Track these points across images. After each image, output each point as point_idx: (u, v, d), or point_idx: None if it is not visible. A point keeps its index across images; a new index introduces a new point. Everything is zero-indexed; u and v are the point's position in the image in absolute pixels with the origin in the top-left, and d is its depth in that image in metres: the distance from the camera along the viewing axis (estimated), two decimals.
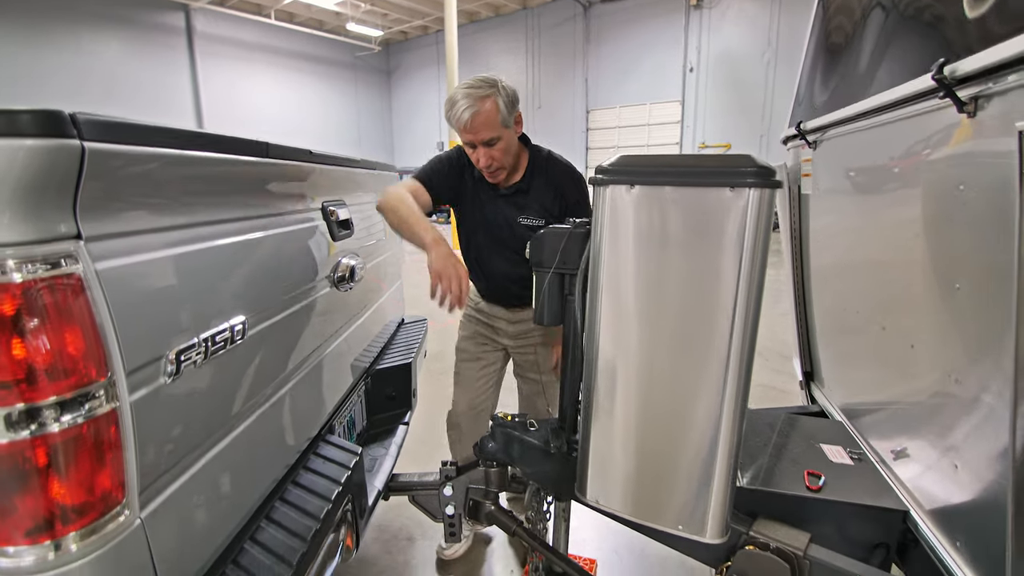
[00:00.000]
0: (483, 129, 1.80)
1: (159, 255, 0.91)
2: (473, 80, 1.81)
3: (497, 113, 1.79)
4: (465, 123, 1.78)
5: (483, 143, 1.83)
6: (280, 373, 1.32)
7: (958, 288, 1.15)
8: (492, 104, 1.78)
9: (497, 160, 1.88)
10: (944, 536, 1.30)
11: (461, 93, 1.78)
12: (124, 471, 0.81)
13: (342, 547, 1.47)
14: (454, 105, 1.78)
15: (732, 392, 1.28)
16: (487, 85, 1.79)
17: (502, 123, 1.82)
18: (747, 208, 1.16)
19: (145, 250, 0.88)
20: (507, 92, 1.82)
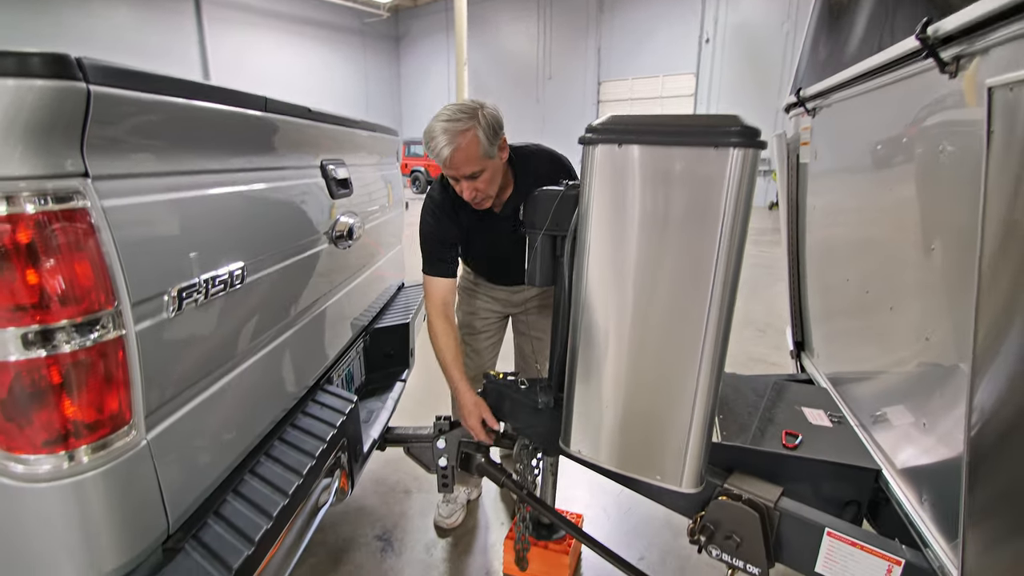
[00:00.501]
0: (464, 165, 1.71)
1: (162, 198, 0.96)
2: (452, 110, 1.68)
3: (478, 146, 1.68)
4: (445, 160, 1.69)
5: (466, 177, 1.75)
6: (279, 321, 1.39)
7: (933, 249, 1.19)
8: (472, 137, 1.67)
9: (482, 191, 1.80)
10: (911, 493, 1.36)
11: (439, 127, 1.66)
12: (130, 395, 0.88)
13: (337, 488, 1.56)
14: (432, 139, 1.67)
15: (710, 349, 1.33)
16: (466, 116, 1.66)
17: (484, 155, 1.71)
18: (730, 168, 1.19)
19: (149, 192, 0.93)
20: (488, 121, 1.69)
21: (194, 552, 1.01)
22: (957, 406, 1.14)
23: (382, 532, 2.39)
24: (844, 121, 1.86)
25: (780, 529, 1.44)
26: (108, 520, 0.87)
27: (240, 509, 1.13)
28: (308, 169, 1.57)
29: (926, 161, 1.26)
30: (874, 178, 1.60)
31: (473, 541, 2.37)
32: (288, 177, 1.44)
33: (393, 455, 2.70)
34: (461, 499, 2.52)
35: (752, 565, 1.45)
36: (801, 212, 2.29)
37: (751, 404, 1.86)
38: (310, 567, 2.18)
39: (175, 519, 1.01)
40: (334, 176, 1.69)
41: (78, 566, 0.86)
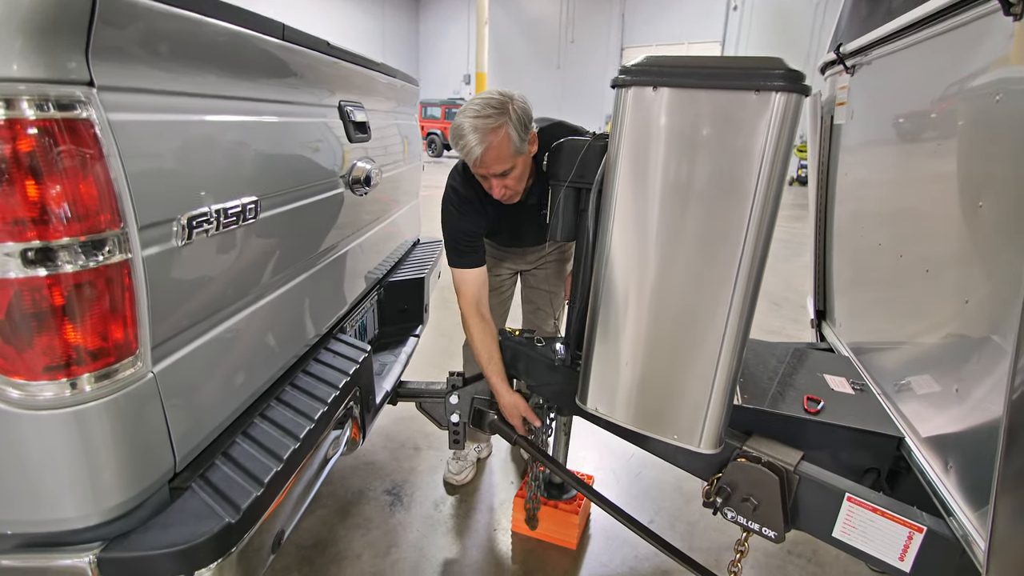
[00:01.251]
0: (495, 164, 1.62)
1: (173, 118, 0.92)
2: (480, 105, 1.58)
3: (509, 144, 1.59)
4: (476, 160, 1.60)
5: (496, 176, 1.67)
6: (292, 263, 1.35)
7: (980, 206, 1.11)
8: (504, 135, 1.57)
9: (511, 188, 1.73)
10: (936, 461, 1.31)
11: (468, 125, 1.56)
12: (137, 324, 0.84)
13: (348, 438, 1.54)
14: (461, 138, 1.57)
15: (738, 307, 1.27)
16: (496, 112, 1.56)
17: (515, 152, 1.62)
18: (771, 115, 1.12)
19: (159, 110, 0.89)
20: (519, 115, 1.60)
21: (201, 491, 0.98)
22: (995, 370, 1.09)
23: (391, 487, 2.40)
24: (886, 77, 1.76)
25: (798, 493, 1.40)
26: (111, 453, 0.84)
27: (249, 451, 1.11)
28: (325, 108, 1.51)
29: (978, 112, 1.18)
30: (916, 135, 1.51)
31: (482, 499, 2.38)
32: (304, 114, 1.38)
33: (404, 412, 2.70)
34: (471, 457, 2.52)
35: (768, 528, 1.42)
36: (832, 176, 2.20)
37: (772, 369, 1.81)
38: (319, 518, 2.19)
39: (182, 457, 0.99)
40: (352, 118, 1.63)
41: (79, 500, 0.84)
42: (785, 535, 1.41)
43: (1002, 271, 1.06)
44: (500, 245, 2.25)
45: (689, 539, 2.17)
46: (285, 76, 1.30)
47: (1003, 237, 1.05)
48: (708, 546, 2.14)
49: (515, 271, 2.38)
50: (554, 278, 2.35)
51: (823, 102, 2.27)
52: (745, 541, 1.52)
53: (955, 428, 1.25)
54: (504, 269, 2.33)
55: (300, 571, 1.95)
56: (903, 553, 1.28)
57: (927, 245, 1.41)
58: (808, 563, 2.08)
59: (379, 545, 2.08)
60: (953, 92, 1.30)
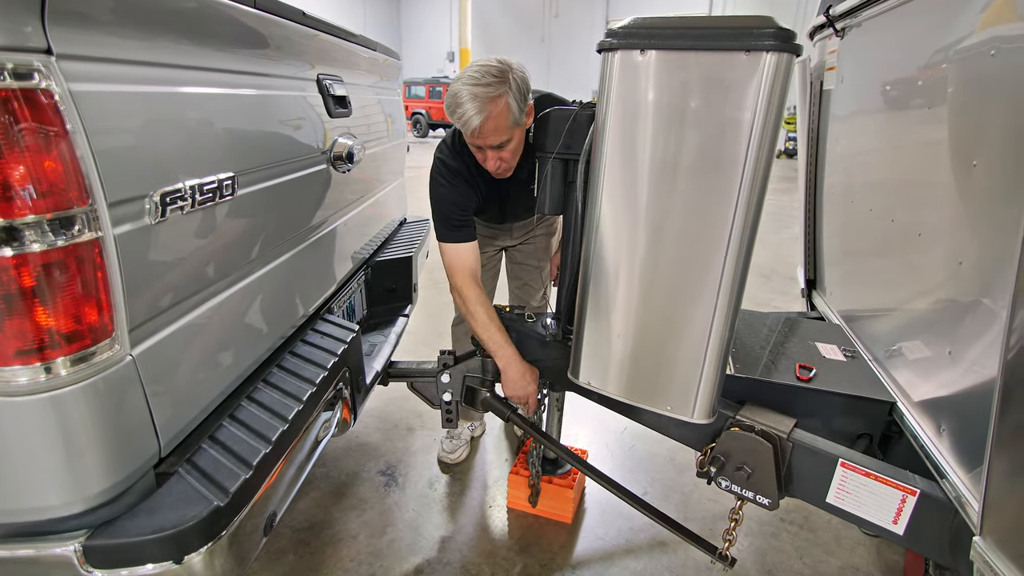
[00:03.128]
0: (493, 135, 1.56)
1: (141, 89, 0.87)
2: (479, 71, 1.50)
3: (508, 114, 1.53)
4: (474, 130, 1.53)
5: (492, 147, 1.60)
6: (275, 242, 1.31)
7: (975, 166, 1.10)
8: (503, 105, 1.51)
9: (506, 161, 1.67)
10: (928, 424, 1.32)
11: (467, 92, 1.48)
12: (112, 304, 0.81)
13: (339, 419, 1.52)
14: (459, 106, 1.50)
15: (730, 276, 1.26)
16: (497, 80, 1.49)
17: (513, 123, 1.56)
18: (762, 75, 1.09)
19: (125, 81, 0.84)
20: (519, 84, 1.54)
21: (188, 475, 0.96)
22: (989, 330, 1.08)
23: (385, 467, 2.40)
24: (876, 39, 1.73)
25: (792, 460, 1.41)
26: (92, 439, 0.82)
27: (237, 434, 1.09)
28: (303, 81, 1.46)
29: (971, 69, 1.16)
30: (908, 97, 1.49)
31: (477, 476, 2.38)
32: (281, 87, 1.33)
33: (396, 393, 2.68)
34: (465, 435, 2.51)
35: (762, 496, 1.43)
36: (822, 143, 2.18)
37: (764, 338, 1.81)
38: (313, 500, 2.18)
39: (167, 441, 0.97)
40: (331, 92, 1.58)
41: (61, 488, 0.82)
42: (779, 502, 1.42)
43: (996, 230, 1.05)
44: (488, 222, 2.21)
45: (684, 509, 2.19)
46: (259, 47, 1.25)
47: (997, 195, 1.04)
48: (703, 515, 2.16)
49: (501, 247, 2.35)
50: (542, 252, 2.33)
51: (812, 68, 2.24)
52: (739, 509, 1.53)
53: (948, 390, 1.25)
54: (491, 247, 2.30)
55: (296, 553, 1.94)
56: (896, 516, 1.29)
57: (919, 208, 1.40)
58: (801, 529, 2.10)
59: (375, 525, 2.07)
60: (945, 50, 1.28)
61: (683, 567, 1.93)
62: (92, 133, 0.76)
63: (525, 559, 1.95)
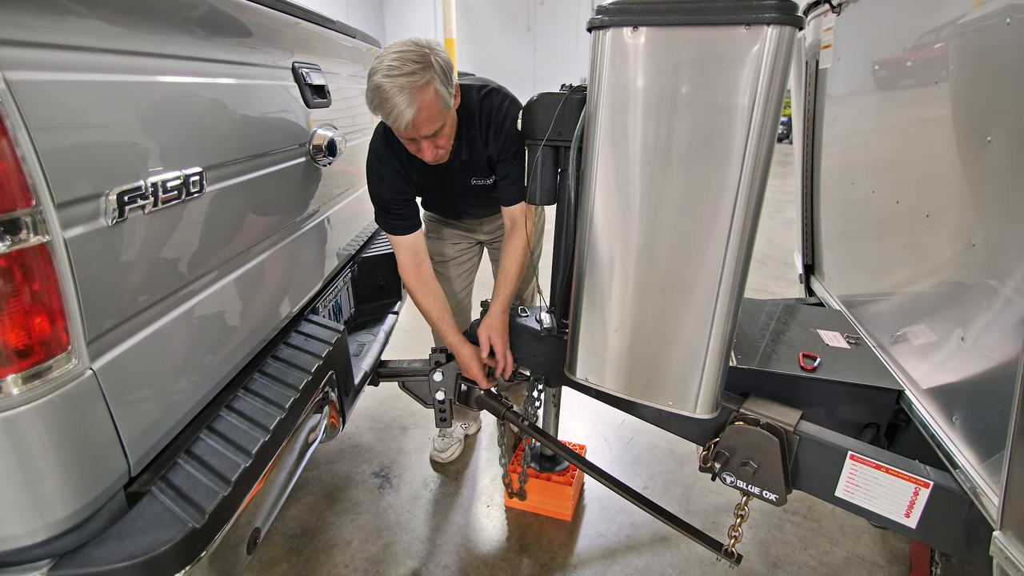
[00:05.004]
0: (426, 124, 1.43)
1: (92, 78, 0.80)
2: (399, 59, 1.35)
3: (439, 101, 1.41)
4: (407, 124, 1.40)
5: (426, 137, 1.49)
6: (251, 241, 1.24)
7: (989, 141, 1.04)
8: (432, 92, 1.38)
9: (443, 147, 1.57)
10: (940, 413, 1.27)
11: (392, 85, 1.33)
12: (66, 315, 0.74)
13: (327, 424, 1.45)
14: (386, 102, 1.36)
15: (732, 265, 1.21)
16: (421, 67, 1.36)
17: (444, 109, 1.44)
18: (764, 50, 1.03)
19: (73, 69, 0.77)
20: (442, 66, 1.41)
21: (162, 495, 0.90)
22: (1007, 313, 1.03)
23: (379, 469, 2.33)
24: (876, 14, 1.67)
25: (799, 454, 1.36)
26: (52, 461, 0.75)
27: (215, 447, 1.02)
28: (276, 69, 1.38)
29: (985, 40, 1.10)
30: (912, 73, 1.43)
31: (473, 475, 2.32)
32: (253, 75, 1.26)
33: (388, 392, 2.62)
34: (457, 434, 2.45)
35: (769, 491, 1.38)
36: (818, 124, 2.12)
37: (763, 327, 1.76)
38: (305, 505, 2.12)
39: (137, 459, 0.90)
40: (308, 81, 1.50)
41: (21, 515, 0.75)
42: (786, 497, 1.37)
43: (1014, 208, 0.99)
44: (445, 217, 2.13)
45: (685, 503, 2.15)
46: (228, 31, 1.18)
47: (1015, 170, 0.98)
48: (704, 508, 2.12)
49: (476, 242, 2.26)
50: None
51: (807, 47, 2.18)
52: (745, 505, 1.48)
53: (961, 377, 1.20)
54: (463, 239, 2.21)
55: (289, 561, 1.88)
56: (909, 509, 1.24)
57: (927, 189, 1.35)
58: (804, 519, 2.07)
59: (369, 529, 2.02)
60: (953, 22, 1.22)
61: (686, 562, 1.89)
62: (35, 127, 0.69)
63: (525, 559, 1.90)
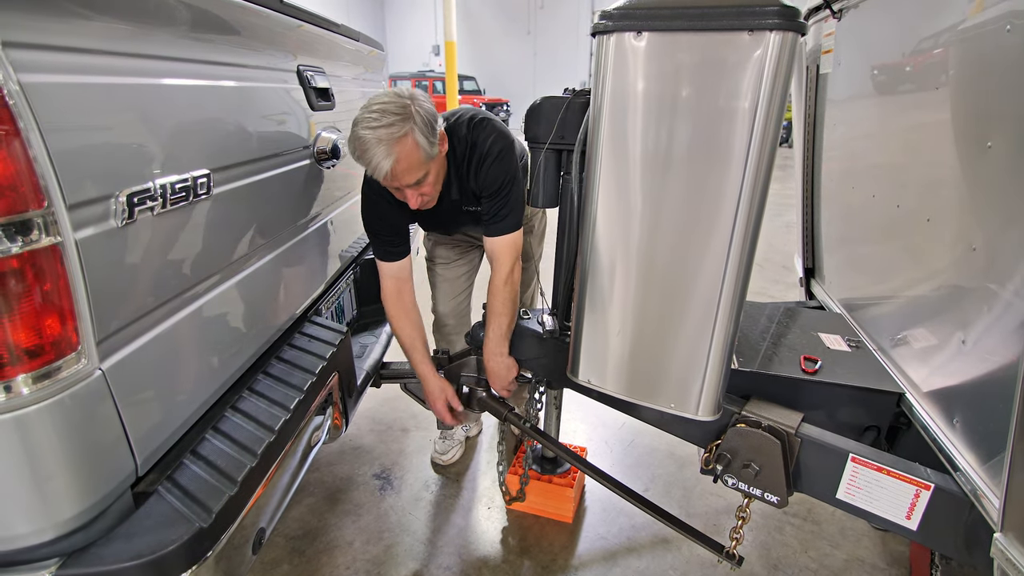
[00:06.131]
0: (406, 175, 1.44)
1: (103, 81, 0.81)
2: (378, 112, 1.37)
3: (419, 150, 1.41)
4: (386, 174, 1.41)
5: (409, 186, 1.49)
6: (256, 242, 1.25)
7: (989, 147, 1.05)
8: (411, 143, 1.39)
9: (428, 194, 1.56)
10: (940, 416, 1.28)
11: (371, 137, 1.35)
12: (76, 315, 0.75)
13: (330, 425, 1.46)
14: (365, 152, 1.37)
15: (735, 267, 1.21)
16: (399, 119, 1.37)
17: (426, 158, 1.44)
18: (767, 56, 1.04)
19: (85, 72, 0.78)
20: (423, 117, 1.41)
21: (169, 494, 0.90)
22: (1007, 317, 1.04)
23: (380, 471, 2.34)
24: (876, 19, 1.68)
25: (800, 456, 1.37)
26: (61, 461, 0.76)
27: (221, 447, 1.03)
28: (282, 72, 1.39)
29: (985, 46, 1.11)
30: (913, 78, 1.44)
31: (474, 477, 2.33)
32: (259, 78, 1.26)
33: (389, 393, 2.62)
34: (458, 436, 2.45)
35: (771, 493, 1.39)
36: (819, 129, 2.13)
37: (764, 329, 1.77)
38: (307, 507, 2.12)
39: (144, 459, 0.90)
40: (312, 84, 1.51)
41: (30, 514, 0.76)
42: (788, 499, 1.38)
43: (1015, 212, 1.00)
44: (440, 235, 2.13)
45: (686, 505, 2.15)
46: (235, 35, 1.18)
47: (1015, 175, 0.99)
48: (705, 510, 2.12)
49: (476, 244, 2.24)
50: (530, 250, 2.24)
51: (808, 52, 2.19)
52: (747, 507, 1.48)
53: (961, 380, 1.21)
54: (463, 243, 2.21)
55: (291, 563, 1.89)
56: (910, 511, 1.25)
57: (927, 193, 1.36)
58: (805, 522, 2.07)
59: (371, 531, 2.02)
60: (953, 27, 1.23)
61: (687, 564, 1.89)
62: (48, 129, 0.69)
63: (526, 561, 1.91)
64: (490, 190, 1.64)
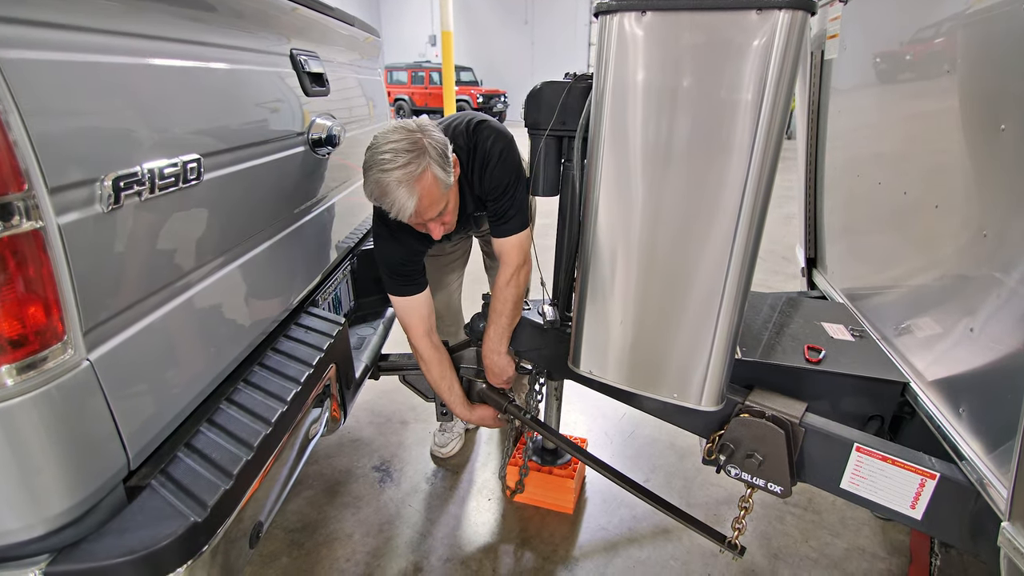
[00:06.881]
0: (429, 209, 1.42)
1: (85, 59, 0.77)
2: (392, 151, 1.34)
3: (438, 184, 1.39)
4: (410, 214, 1.39)
5: (433, 219, 1.47)
6: (250, 231, 1.22)
7: (1003, 129, 1.02)
8: (430, 178, 1.37)
9: (450, 221, 1.55)
10: (946, 405, 1.26)
11: (390, 180, 1.33)
12: (61, 304, 0.72)
13: (328, 417, 1.44)
14: (387, 195, 1.35)
15: (740, 255, 1.19)
16: (415, 155, 1.35)
17: (444, 189, 1.42)
18: (775, 36, 1.01)
19: (65, 48, 0.74)
20: (436, 148, 1.39)
21: (162, 488, 0.88)
22: (1018, 302, 1.02)
23: (380, 463, 2.32)
24: (884, 1, 1.65)
25: (804, 446, 1.35)
26: (49, 454, 0.73)
27: (216, 440, 1.01)
28: (274, 56, 1.35)
29: (998, 26, 1.08)
30: (922, 62, 1.41)
31: (473, 469, 2.31)
32: (250, 61, 1.23)
33: (388, 385, 2.60)
34: (458, 428, 2.44)
35: (774, 484, 1.37)
36: (822, 116, 2.10)
37: (766, 319, 1.75)
38: (306, 500, 2.10)
39: (136, 452, 0.88)
40: (306, 69, 1.47)
41: (17, 509, 0.73)
42: (791, 489, 1.36)
43: None
44: None
45: (687, 495, 2.14)
46: (224, 16, 1.15)
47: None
48: (706, 500, 2.11)
49: (467, 236, 2.21)
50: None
51: (812, 37, 2.15)
52: (749, 498, 1.47)
53: (968, 369, 1.19)
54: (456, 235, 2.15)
55: (290, 555, 1.87)
56: (914, 501, 1.23)
57: (936, 179, 1.33)
58: (805, 512, 2.06)
59: (371, 523, 2.00)
60: (965, 8, 1.20)
61: (688, 555, 1.88)
62: (24, 106, 0.66)
63: (527, 552, 1.89)
64: (496, 193, 1.61)
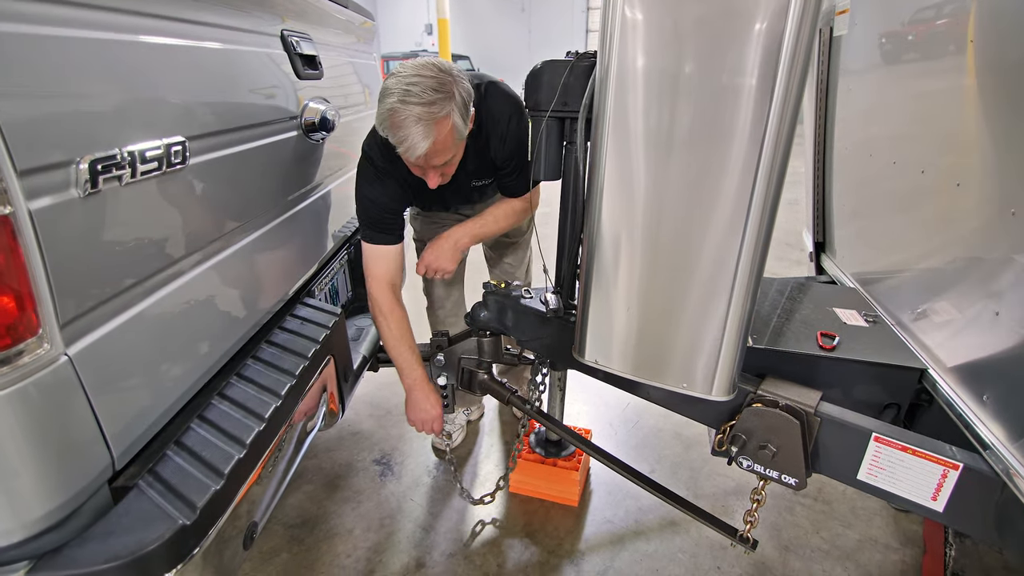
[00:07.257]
0: (437, 156, 1.36)
1: (59, 32, 0.72)
2: (420, 86, 1.26)
3: (454, 134, 1.33)
4: (419, 156, 1.32)
5: (435, 167, 1.42)
6: (241, 218, 1.17)
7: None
8: (449, 125, 1.31)
9: (450, 173, 1.50)
10: (968, 392, 1.21)
11: (410, 114, 1.25)
12: (35, 295, 0.67)
13: (325, 410, 1.39)
14: (400, 129, 1.27)
15: (752, 237, 1.13)
16: (443, 98, 1.28)
17: (458, 140, 1.37)
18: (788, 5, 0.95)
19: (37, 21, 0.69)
20: (462, 96, 1.33)
21: (150, 489, 0.84)
22: None
23: (380, 456, 2.28)
24: None
25: (819, 436, 1.30)
26: (26, 455, 0.69)
27: (207, 437, 0.96)
28: (263, 36, 1.29)
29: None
30: (942, 34, 1.35)
31: (476, 462, 2.27)
32: (239, 41, 1.17)
33: (388, 378, 2.55)
34: (459, 420, 2.39)
35: (788, 476, 1.33)
36: (831, 95, 2.04)
37: (776, 305, 1.70)
38: (305, 494, 2.07)
39: (121, 452, 0.83)
40: (298, 51, 1.42)
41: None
42: (807, 481, 1.32)
43: None
44: (431, 211, 2.03)
45: (693, 486, 2.10)
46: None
47: None
48: (713, 491, 2.07)
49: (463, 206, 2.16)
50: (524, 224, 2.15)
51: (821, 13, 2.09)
52: (762, 490, 1.43)
53: (993, 354, 1.14)
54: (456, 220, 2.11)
55: (290, 551, 1.83)
56: (936, 492, 1.19)
57: (957, 156, 1.27)
58: (815, 501, 2.03)
59: (371, 518, 1.97)
60: None
61: (696, 547, 1.84)
62: None
63: (532, 545, 1.86)
64: (510, 159, 1.63)
